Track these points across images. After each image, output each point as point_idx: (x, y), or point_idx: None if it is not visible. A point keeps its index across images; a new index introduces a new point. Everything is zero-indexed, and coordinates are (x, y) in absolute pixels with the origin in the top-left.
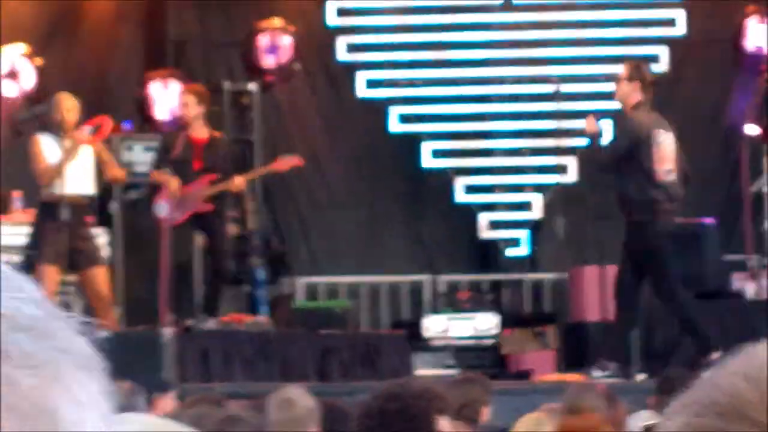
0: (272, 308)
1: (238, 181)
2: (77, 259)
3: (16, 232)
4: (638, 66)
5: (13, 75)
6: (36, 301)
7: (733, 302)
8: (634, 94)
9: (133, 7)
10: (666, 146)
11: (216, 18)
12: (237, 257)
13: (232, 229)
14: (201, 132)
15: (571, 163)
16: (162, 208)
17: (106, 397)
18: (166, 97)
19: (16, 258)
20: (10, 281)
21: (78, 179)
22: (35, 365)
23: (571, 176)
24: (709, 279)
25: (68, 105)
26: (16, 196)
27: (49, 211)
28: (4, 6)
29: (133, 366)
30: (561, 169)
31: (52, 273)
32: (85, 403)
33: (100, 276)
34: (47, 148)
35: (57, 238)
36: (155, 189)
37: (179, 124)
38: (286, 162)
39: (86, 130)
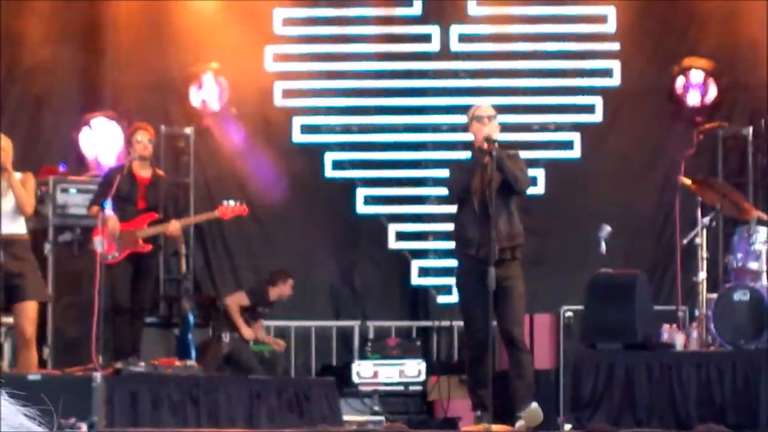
0: (201, 352)
1: (173, 226)
2: (13, 295)
3: None
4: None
5: None
6: None
7: (662, 354)
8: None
9: (70, 52)
10: None
11: (153, 61)
12: (168, 300)
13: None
14: (146, 171)
15: None
16: (99, 244)
17: None
18: (104, 139)
19: None
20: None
21: (9, 218)
22: None
23: None
24: (639, 330)
25: (3, 145)
26: None
27: None
28: None
29: (62, 408)
30: None
31: None
32: None
33: (28, 311)
34: None
35: None
36: (89, 231)
37: (122, 163)
38: (230, 210)
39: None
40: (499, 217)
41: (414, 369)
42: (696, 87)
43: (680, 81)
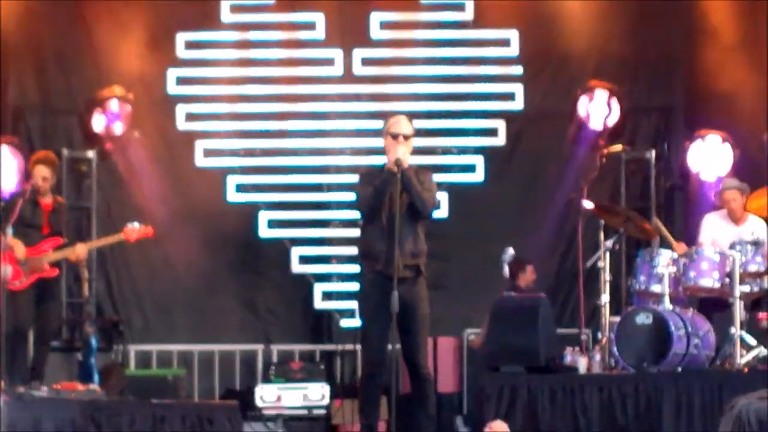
0: (104, 376)
1: (80, 249)
2: None
3: None
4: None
5: None
6: None
7: (565, 376)
8: None
9: None
10: None
11: (55, 85)
12: (70, 324)
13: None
14: (47, 198)
15: None
16: (6, 271)
17: None
18: (4, 164)
19: None
20: None
21: None
22: None
23: None
24: (542, 353)
25: None
26: None
27: None
28: None
29: None
30: None
31: None
32: None
33: None
34: None
35: None
36: None
37: (23, 190)
38: (136, 232)
39: None
40: (405, 237)
41: (318, 393)
42: (598, 110)
43: (583, 104)
